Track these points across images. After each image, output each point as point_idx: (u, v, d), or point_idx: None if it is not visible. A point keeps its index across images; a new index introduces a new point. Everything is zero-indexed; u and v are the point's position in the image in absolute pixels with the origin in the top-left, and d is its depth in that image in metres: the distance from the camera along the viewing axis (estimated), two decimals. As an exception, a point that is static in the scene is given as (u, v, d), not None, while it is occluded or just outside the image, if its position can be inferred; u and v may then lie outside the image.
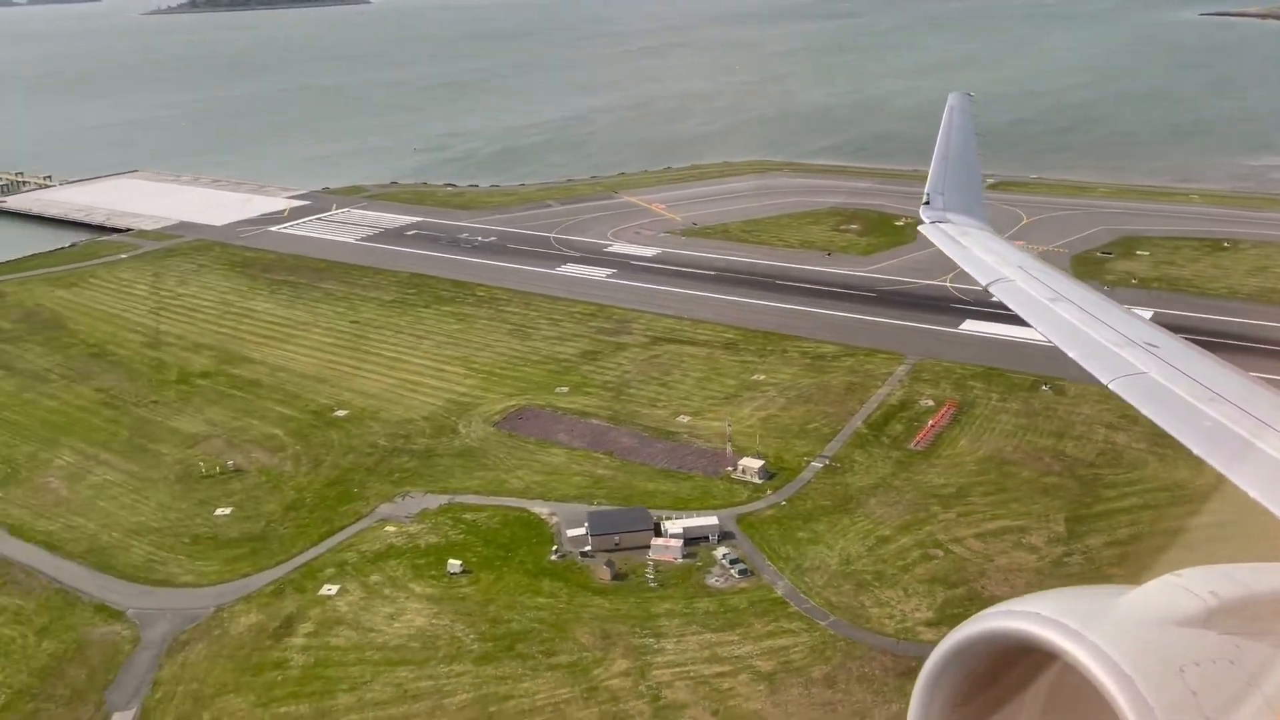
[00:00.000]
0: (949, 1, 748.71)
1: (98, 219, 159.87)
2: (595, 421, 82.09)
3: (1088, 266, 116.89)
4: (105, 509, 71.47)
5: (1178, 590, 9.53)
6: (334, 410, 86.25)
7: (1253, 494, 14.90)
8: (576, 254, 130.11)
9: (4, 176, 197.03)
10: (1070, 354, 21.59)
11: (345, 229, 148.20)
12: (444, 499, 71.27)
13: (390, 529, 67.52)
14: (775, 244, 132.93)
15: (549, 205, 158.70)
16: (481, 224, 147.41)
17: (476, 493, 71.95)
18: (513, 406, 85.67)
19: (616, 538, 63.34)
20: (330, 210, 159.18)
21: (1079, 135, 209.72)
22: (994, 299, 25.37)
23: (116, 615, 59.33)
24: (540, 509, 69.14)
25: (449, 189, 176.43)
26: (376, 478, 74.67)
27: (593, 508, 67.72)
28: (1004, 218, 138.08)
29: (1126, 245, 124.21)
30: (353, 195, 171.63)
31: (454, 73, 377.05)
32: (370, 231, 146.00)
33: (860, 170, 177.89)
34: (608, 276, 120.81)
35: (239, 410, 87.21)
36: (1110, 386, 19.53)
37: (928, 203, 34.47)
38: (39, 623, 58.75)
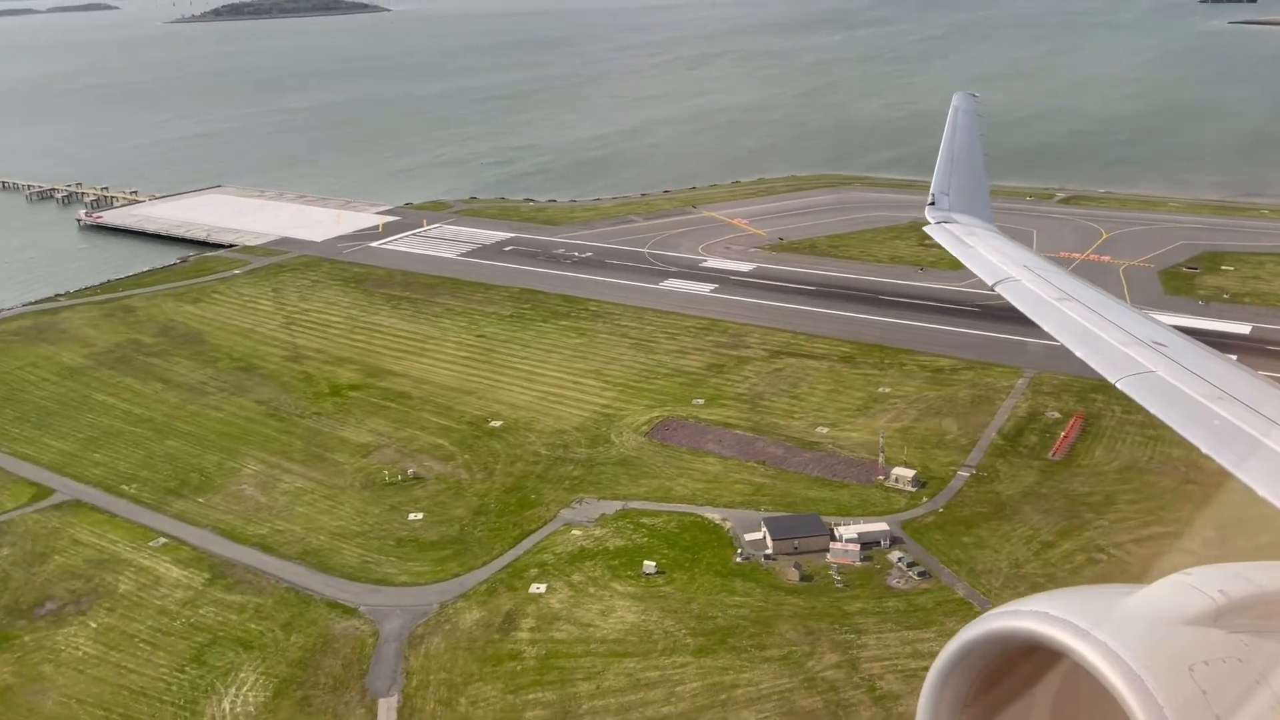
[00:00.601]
0: (976, 10, 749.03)
1: (198, 234, 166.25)
2: (739, 432, 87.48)
3: (1176, 282, 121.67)
4: (305, 514, 77.31)
5: (1187, 589, 9.58)
6: (489, 421, 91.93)
7: (1262, 493, 14.98)
8: (675, 269, 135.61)
9: (92, 192, 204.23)
10: (1078, 353, 21.70)
11: (443, 244, 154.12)
12: (617, 505, 76.74)
13: (576, 533, 73.08)
14: (864, 259, 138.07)
15: (632, 220, 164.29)
16: (573, 239, 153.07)
17: (646, 499, 77.43)
18: (657, 418, 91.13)
19: (796, 542, 68.66)
20: (422, 226, 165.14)
21: (1138, 148, 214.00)
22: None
23: (351, 612, 65.05)
24: (711, 514, 74.54)
25: (530, 204, 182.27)
26: (548, 485, 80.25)
27: (764, 514, 73.11)
28: (1082, 233, 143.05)
29: (1210, 260, 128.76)
30: (439, 210, 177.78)
31: (503, 84, 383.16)
32: (468, 247, 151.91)
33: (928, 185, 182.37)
34: (711, 291, 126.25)
35: (398, 421, 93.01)
36: (1118, 385, 19.66)
37: (933, 203, 34.30)
38: (281, 619, 64.50)
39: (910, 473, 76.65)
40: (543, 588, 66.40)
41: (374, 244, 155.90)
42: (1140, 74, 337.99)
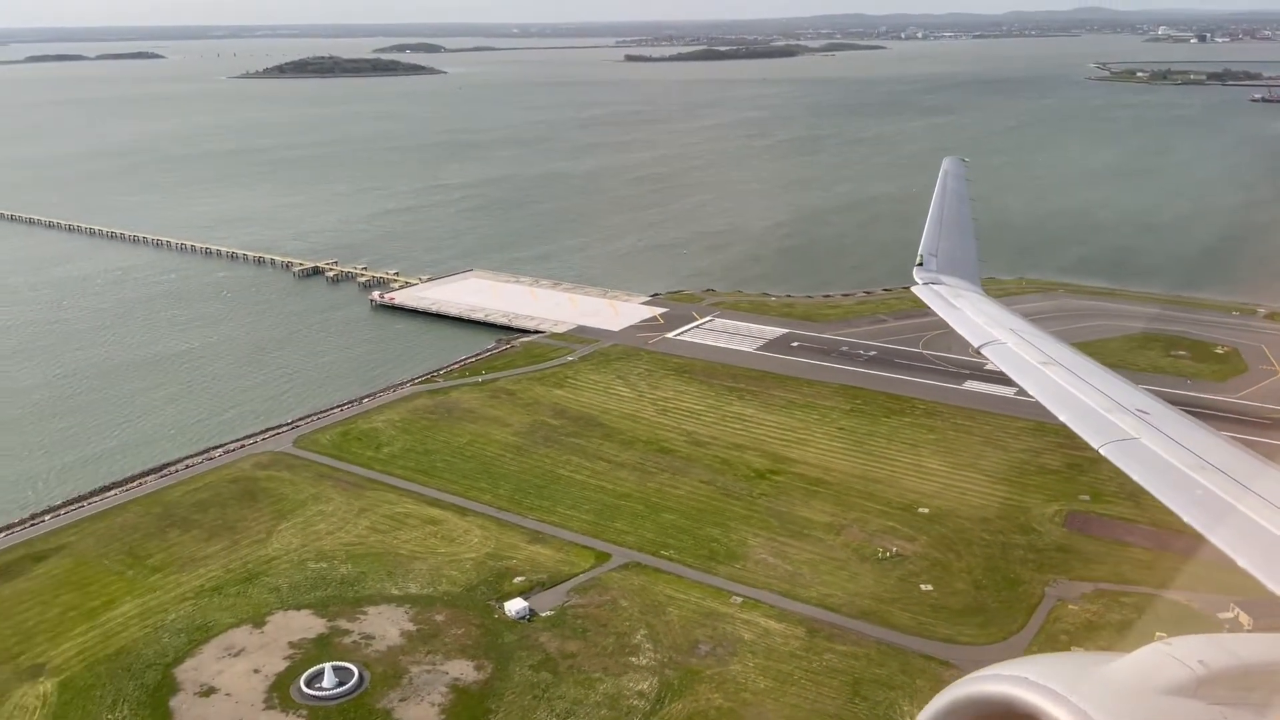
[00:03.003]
0: (1035, 99, 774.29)
1: (497, 319, 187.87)
2: (1144, 526, 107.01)
3: None
4: (834, 581, 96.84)
5: (1166, 658, 10.46)
6: (917, 507, 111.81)
7: (1241, 563, 15.59)
8: (966, 370, 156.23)
9: (356, 270, 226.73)
10: (1061, 417, 22.36)
11: (731, 338, 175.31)
12: (1088, 585, 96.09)
13: (1073, 607, 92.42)
14: (1127, 367, 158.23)
15: (883, 320, 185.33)
16: (846, 337, 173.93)
17: (1108, 580, 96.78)
18: (1060, 510, 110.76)
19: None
20: (694, 319, 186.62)
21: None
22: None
23: (945, 663, 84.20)
24: (1175, 596, 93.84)
25: (773, 298, 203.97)
26: (1015, 565, 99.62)
27: (1223, 596, 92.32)
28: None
29: None
30: (689, 302, 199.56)
31: (640, 163, 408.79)
32: (757, 341, 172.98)
33: (1131, 294, 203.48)
34: (1015, 394, 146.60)
35: (837, 504, 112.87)
36: (1101, 451, 20.67)
37: (921, 264, 35.12)
38: (894, 666, 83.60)
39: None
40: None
41: (669, 335, 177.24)
42: (1248, 177, 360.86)
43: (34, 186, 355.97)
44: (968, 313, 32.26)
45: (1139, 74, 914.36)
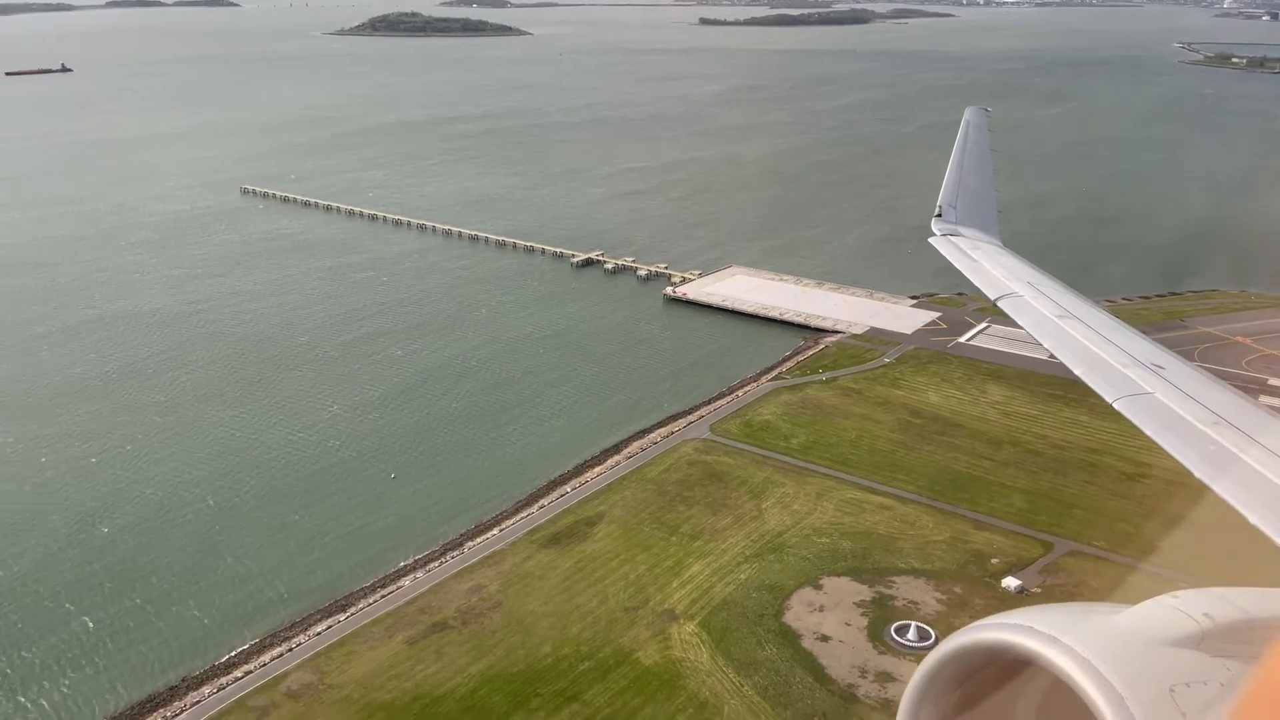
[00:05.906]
0: (1145, 85, 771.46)
1: (791, 318, 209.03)
2: None
3: None
4: (1258, 572, 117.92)
5: (1172, 611, 10.43)
6: None
7: (1253, 520, 16.63)
8: (1254, 387, 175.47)
9: (629, 264, 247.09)
10: (1076, 371, 22.95)
11: (1020, 344, 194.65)
12: None
13: None
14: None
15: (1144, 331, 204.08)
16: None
17: None
18: None
19: None
20: (973, 324, 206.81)
21: None
22: None
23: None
24: None
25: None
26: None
27: None
28: None
29: None
30: (955, 306, 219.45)
31: (798, 149, 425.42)
32: (1043, 353, 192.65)
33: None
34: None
35: (1213, 508, 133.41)
36: (1115, 405, 21.05)
37: (940, 215, 35.16)
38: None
39: None
40: None
41: (960, 340, 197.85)
42: None
43: (249, 160, 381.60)
44: (985, 265, 32.11)
45: (1234, 59, 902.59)
